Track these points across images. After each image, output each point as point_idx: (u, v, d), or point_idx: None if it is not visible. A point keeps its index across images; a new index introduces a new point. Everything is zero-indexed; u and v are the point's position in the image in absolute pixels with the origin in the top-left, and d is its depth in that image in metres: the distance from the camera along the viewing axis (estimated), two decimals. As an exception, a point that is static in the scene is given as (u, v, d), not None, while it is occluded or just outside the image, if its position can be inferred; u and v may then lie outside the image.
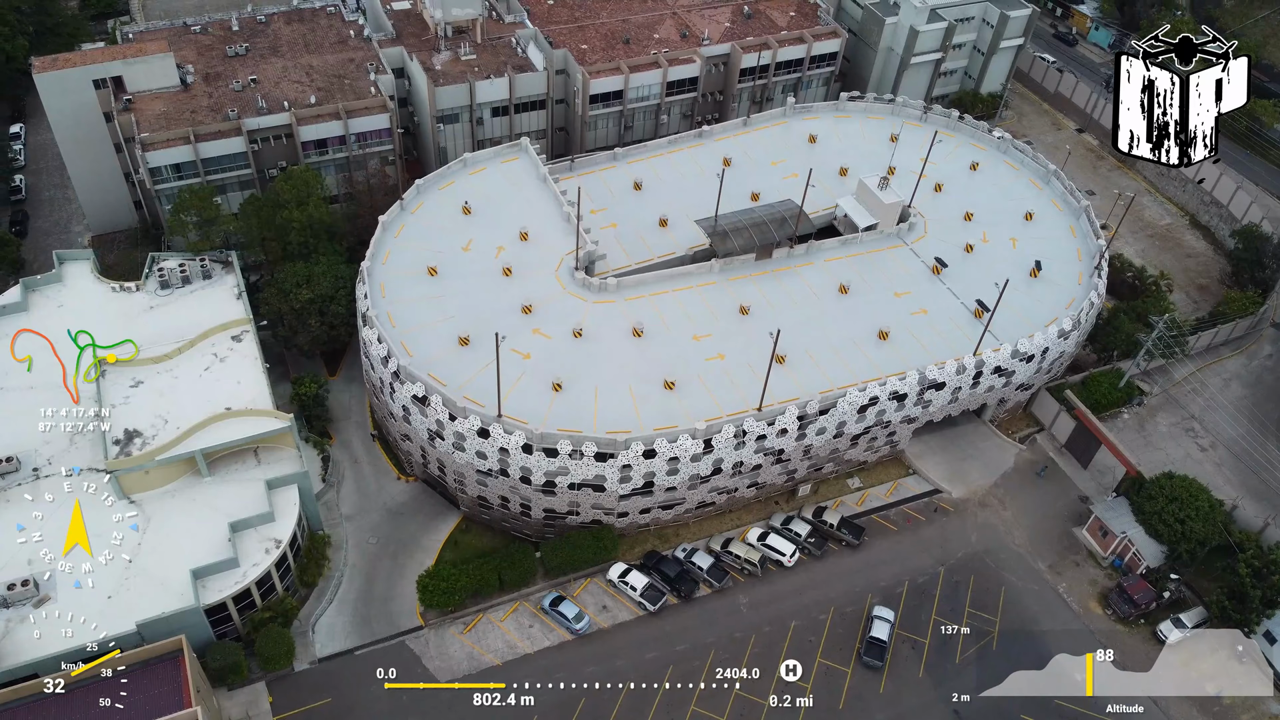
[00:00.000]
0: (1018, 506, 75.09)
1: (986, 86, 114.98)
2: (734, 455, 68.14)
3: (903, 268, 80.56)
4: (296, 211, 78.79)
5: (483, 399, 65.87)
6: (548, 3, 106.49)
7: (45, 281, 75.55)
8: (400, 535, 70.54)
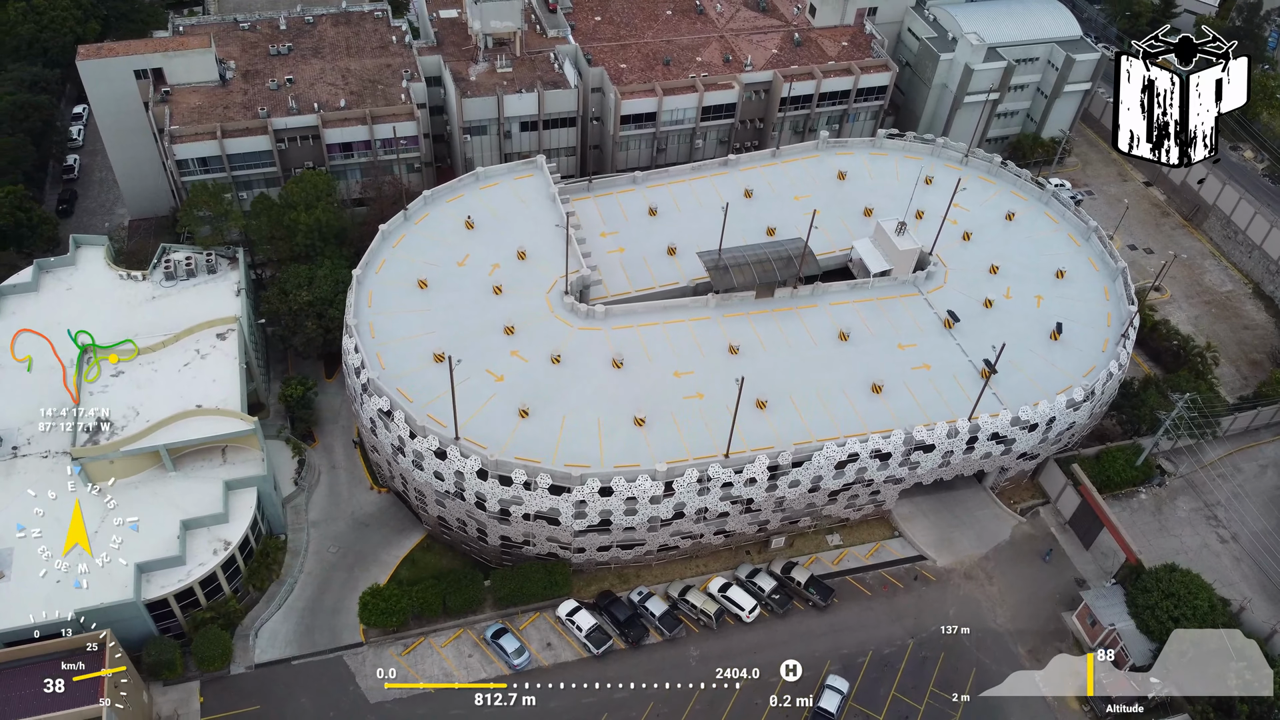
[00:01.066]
0: (1006, 583, 70.80)
1: (1049, 131, 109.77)
2: (697, 501, 65.86)
3: (913, 318, 76.98)
4: (304, 214, 79.56)
5: (448, 418, 65.03)
6: (594, 19, 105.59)
7: (58, 263, 77.83)
8: (361, 547, 70.32)
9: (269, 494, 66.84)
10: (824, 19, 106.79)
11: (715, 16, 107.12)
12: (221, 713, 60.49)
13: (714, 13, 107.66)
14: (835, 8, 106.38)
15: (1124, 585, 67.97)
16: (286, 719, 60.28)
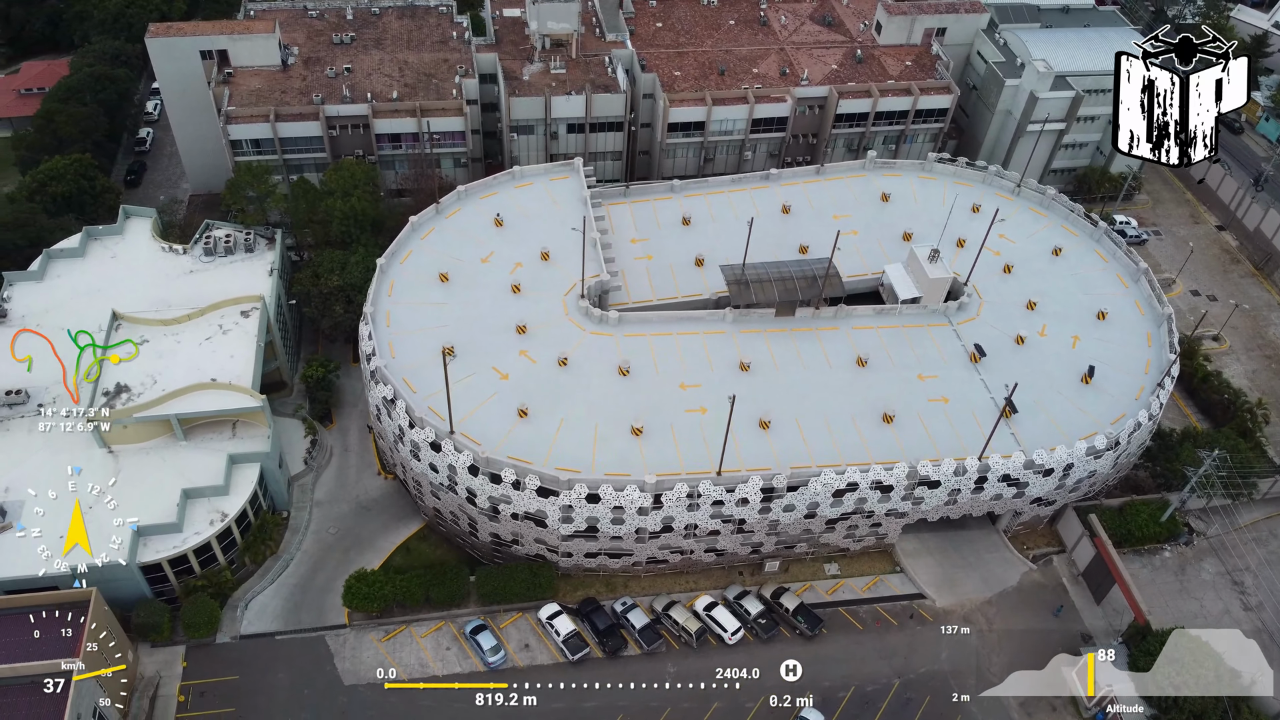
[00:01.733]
0: (1006, 630, 68.30)
1: (1119, 165, 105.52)
2: (686, 516, 65.19)
3: (937, 349, 74.89)
4: (340, 201, 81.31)
5: (456, 409, 65.58)
6: (655, 26, 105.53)
7: (107, 232, 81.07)
8: (360, 531, 71.48)
9: (272, 470, 68.41)
10: (889, 37, 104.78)
11: (779, 29, 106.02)
12: (201, 679, 62.15)
13: (777, 25, 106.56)
14: (901, 26, 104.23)
15: (1129, 645, 64.79)
16: (262, 692, 61.51)
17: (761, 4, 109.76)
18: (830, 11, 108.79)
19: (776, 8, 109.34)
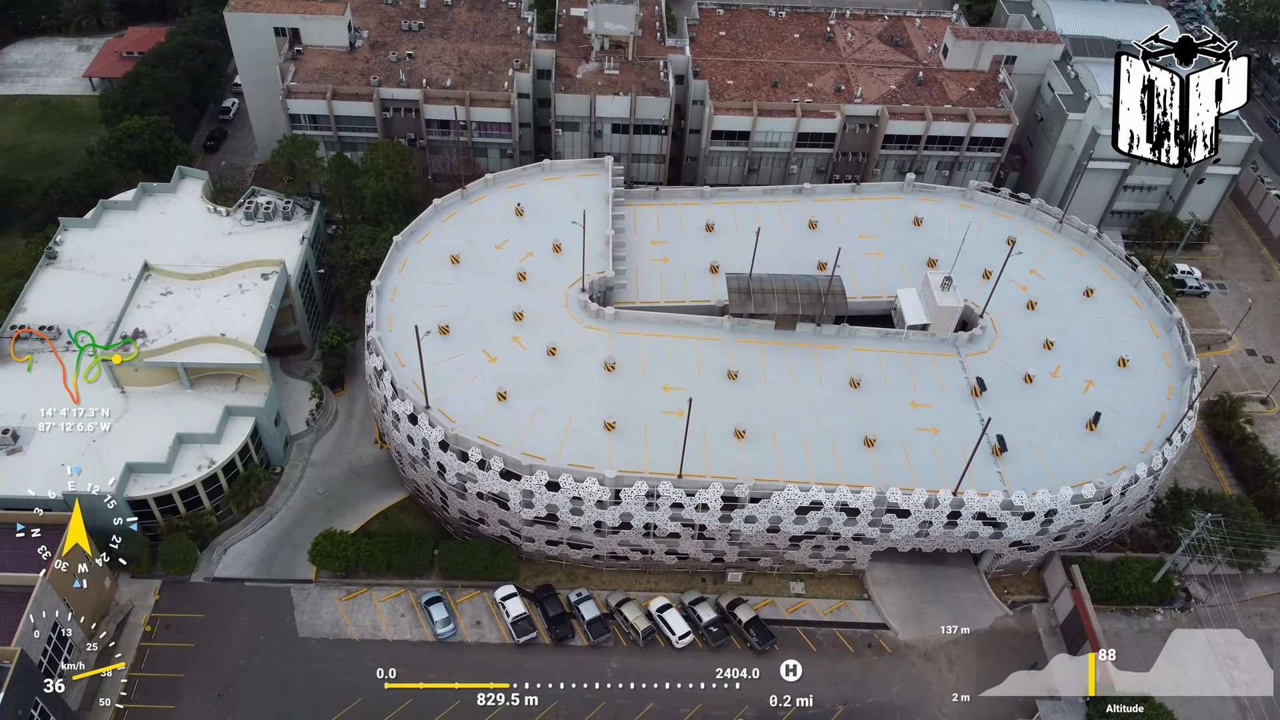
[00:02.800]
0: (966, 673, 66.31)
1: (1189, 212, 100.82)
2: (645, 515, 65.60)
3: (938, 379, 73.33)
4: (373, 180, 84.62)
5: (435, 387, 67.75)
6: (719, 34, 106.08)
7: (160, 189, 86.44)
8: (346, 494, 74.34)
9: (267, 426, 71.79)
10: (955, 61, 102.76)
11: (843, 45, 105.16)
12: (169, 613, 65.78)
13: (843, 42, 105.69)
14: (969, 52, 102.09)
15: (1087, 703, 62.16)
16: (222, 632, 64.72)
17: (830, 20, 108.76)
18: (901, 32, 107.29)
19: (845, 25, 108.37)
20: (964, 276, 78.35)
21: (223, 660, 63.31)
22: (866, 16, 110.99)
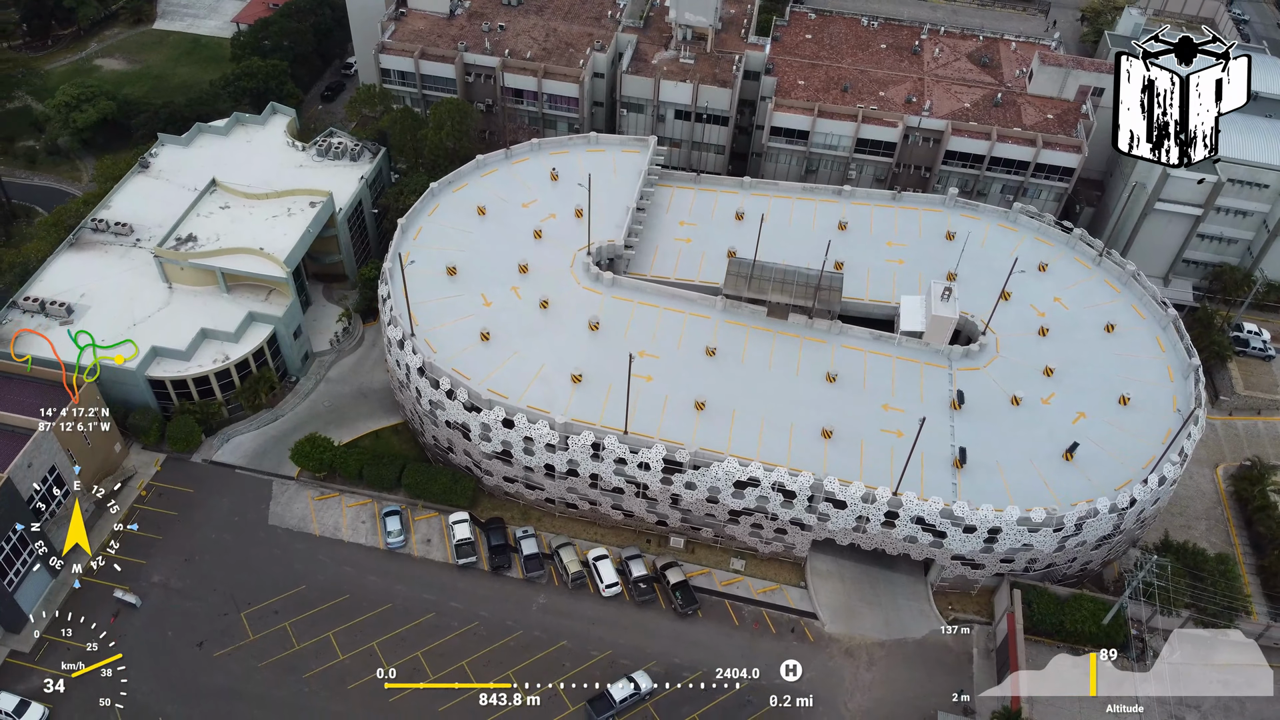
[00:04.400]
0: (882, 679, 66.24)
1: (1260, 269, 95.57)
2: (590, 465, 68.67)
3: (920, 387, 73.26)
4: (432, 133, 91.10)
5: (428, 320, 73.11)
6: (805, 37, 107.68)
7: (251, 120, 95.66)
8: (348, 411, 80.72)
9: (285, 336, 78.91)
10: (1040, 87, 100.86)
11: (928, 60, 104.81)
12: (165, 483, 73.58)
13: (929, 56, 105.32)
14: (1054, 78, 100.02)
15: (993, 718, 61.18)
16: (203, 507, 72.03)
17: (922, 34, 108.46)
18: (994, 53, 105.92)
19: (937, 40, 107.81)
20: (981, 295, 77.27)
21: (198, 531, 70.37)
22: (962, 35, 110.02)
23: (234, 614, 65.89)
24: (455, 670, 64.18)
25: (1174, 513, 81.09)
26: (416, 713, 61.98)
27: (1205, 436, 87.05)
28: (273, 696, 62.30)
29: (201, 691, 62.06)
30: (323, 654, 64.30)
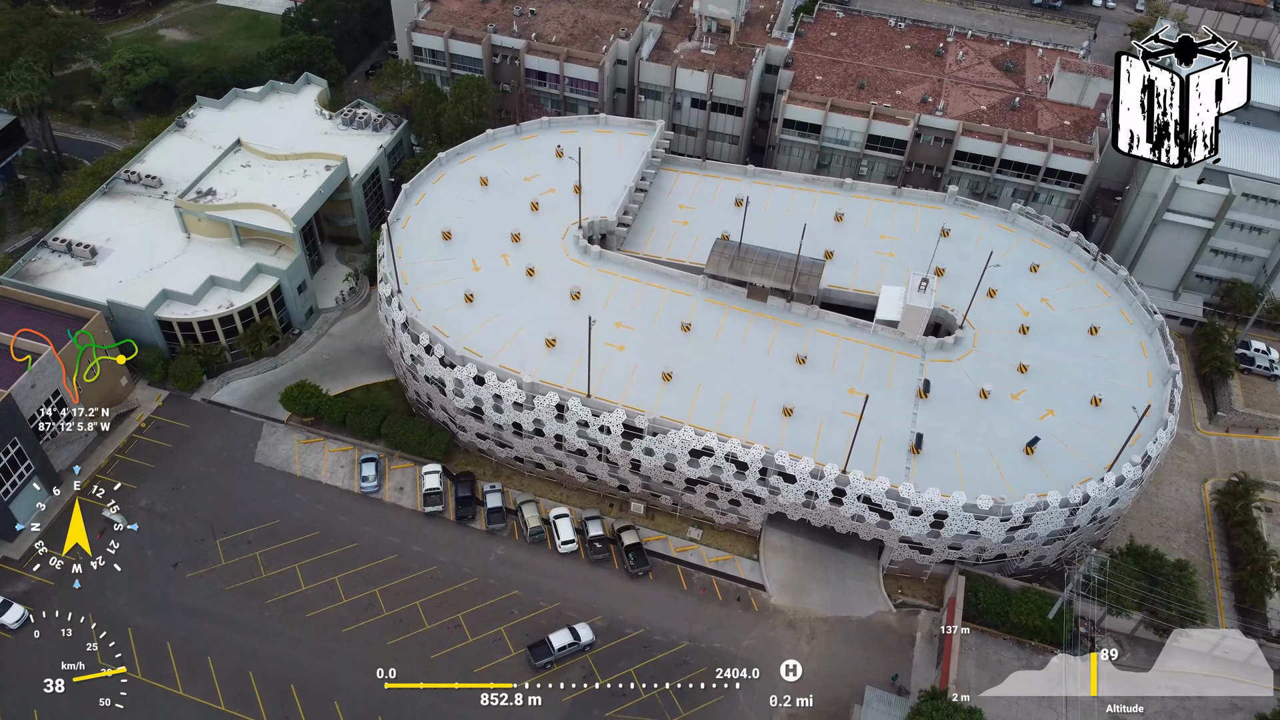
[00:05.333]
0: (820, 652, 67.50)
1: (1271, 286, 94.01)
2: (555, 426, 71.28)
3: (889, 375, 74.36)
4: (450, 106, 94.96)
5: (418, 280, 76.72)
6: (830, 34, 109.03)
7: (285, 88, 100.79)
8: (345, 364, 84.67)
9: (289, 290, 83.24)
10: (1060, 94, 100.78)
11: (951, 62, 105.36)
12: (163, 418, 78.34)
13: (953, 59, 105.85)
14: (1074, 85, 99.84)
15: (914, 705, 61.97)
16: (196, 442, 76.58)
17: (948, 37, 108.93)
18: (1018, 59, 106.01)
19: (963, 44, 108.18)
20: (968, 292, 77.84)
21: (188, 463, 74.89)
22: (989, 40, 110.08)
23: (210, 540, 69.94)
24: (408, 609, 67.23)
25: (1155, 523, 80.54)
26: (366, 644, 65.12)
27: (1199, 451, 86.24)
28: (235, 618, 66.07)
29: (171, 607, 66.11)
30: (286, 583, 67.90)
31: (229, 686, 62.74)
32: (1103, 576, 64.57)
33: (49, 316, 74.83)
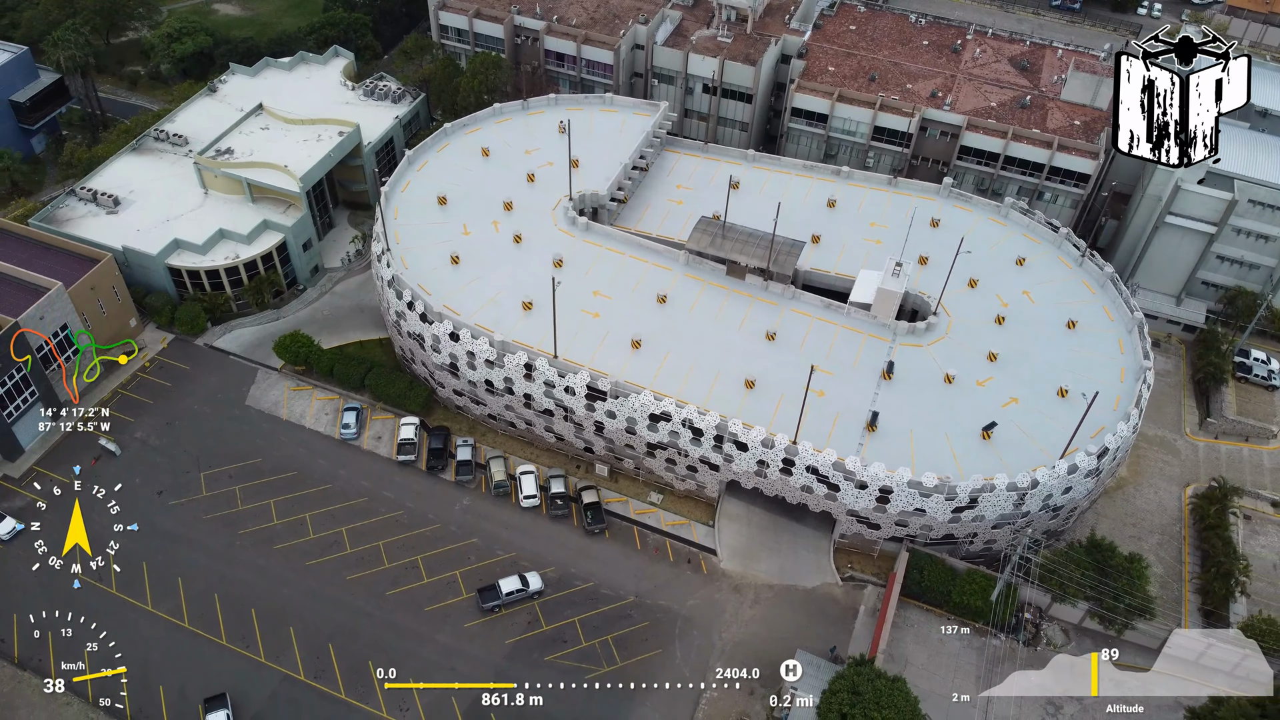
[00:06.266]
0: (762, 616, 69.11)
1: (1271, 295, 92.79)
2: (524, 385, 74.11)
3: (857, 355, 75.67)
4: (465, 80, 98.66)
5: (409, 241, 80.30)
6: (848, 28, 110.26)
7: (314, 59, 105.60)
8: (344, 321, 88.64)
9: (295, 246, 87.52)
10: (1072, 94, 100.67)
11: (967, 59, 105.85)
12: (166, 359, 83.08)
13: (969, 56, 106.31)
14: (1086, 87, 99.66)
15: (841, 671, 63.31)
16: (193, 382, 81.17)
17: (968, 34, 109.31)
18: (1036, 59, 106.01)
19: (982, 42, 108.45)
20: (952, 281, 78.89)
21: (183, 403, 79.44)
22: (1010, 39, 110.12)
23: (194, 473, 74.24)
24: (371, 548, 70.64)
25: (1129, 524, 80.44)
26: (328, 577, 68.71)
27: (1185, 456, 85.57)
28: (208, 544, 70.17)
29: (151, 530, 70.45)
30: (260, 517, 71.82)
31: (194, 606, 66.68)
32: (1040, 560, 64.94)
33: (66, 257, 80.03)
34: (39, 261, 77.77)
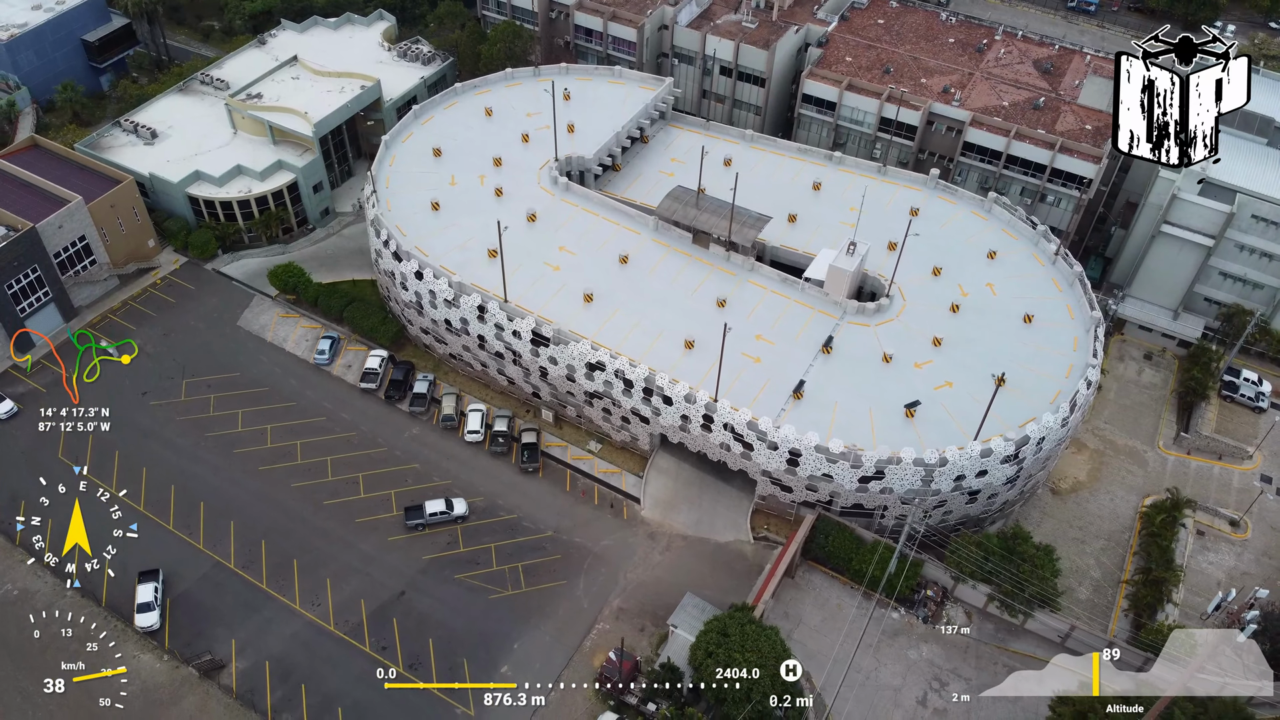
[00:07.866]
0: (670, 562, 71.83)
1: (1261, 311, 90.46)
2: (478, 326, 78.67)
3: (802, 329, 77.70)
4: (487, 46, 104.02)
5: (398, 185, 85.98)
6: (876, 21, 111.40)
7: (359, 20, 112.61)
8: (343, 260, 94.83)
9: (305, 187, 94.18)
10: (1089, 99, 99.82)
11: (989, 59, 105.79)
12: (176, 279, 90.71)
13: (992, 55, 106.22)
14: (1102, 92, 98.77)
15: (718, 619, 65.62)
16: (195, 301, 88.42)
17: (996, 34, 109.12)
18: (1061, 62, 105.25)
19: (1009, 43, 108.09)
20: (919, 268, 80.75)
21: (182, 318, 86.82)
22: (1039, 42, 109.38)
23: (178, 379, 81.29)
24: (319, 462, 76.25)
25: (1076, 526, 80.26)
26: (276, 482, 74.60)
27: (1152, 468, 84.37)
28: (178, 442, 76.91)
29: (130, 424, 77.57)
30: (227, 423, 78.25)
31: (153, 493, 73.39)
32: (922, 530, 65.82)
33: (96, 178, 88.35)
34: (71, 179, 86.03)
